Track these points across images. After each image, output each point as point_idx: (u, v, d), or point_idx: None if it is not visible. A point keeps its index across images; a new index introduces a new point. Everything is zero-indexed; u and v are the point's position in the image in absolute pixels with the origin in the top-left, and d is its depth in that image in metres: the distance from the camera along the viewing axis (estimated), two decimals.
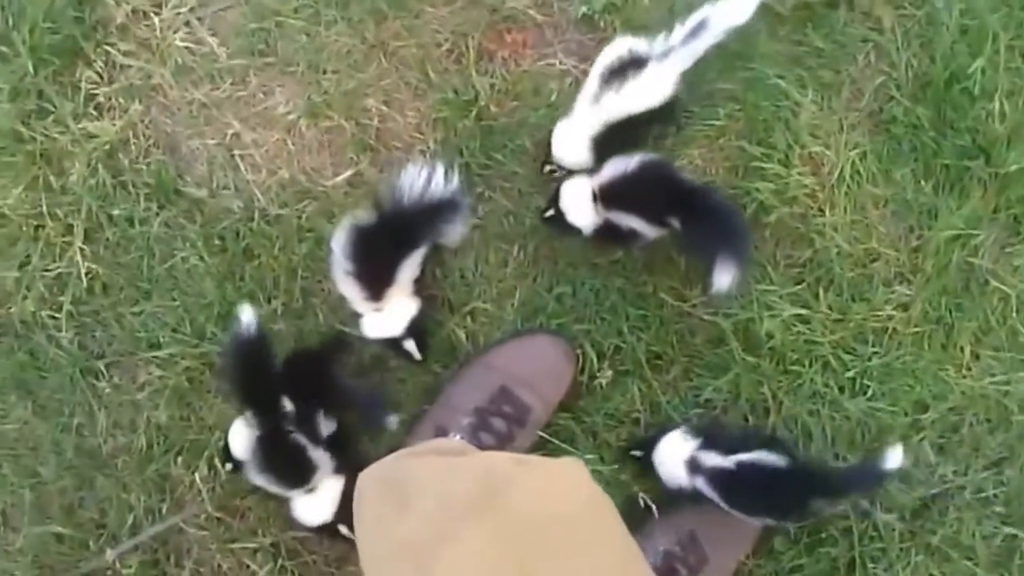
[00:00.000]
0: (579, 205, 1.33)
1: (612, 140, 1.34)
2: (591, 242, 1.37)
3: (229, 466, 1.36)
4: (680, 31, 1.30)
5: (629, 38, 1.32)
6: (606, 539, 0.95)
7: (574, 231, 1.35)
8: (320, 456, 1.31)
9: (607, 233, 1.34)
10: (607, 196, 1.32)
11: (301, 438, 1.29)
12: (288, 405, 1.30)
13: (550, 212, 1.35)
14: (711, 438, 1.30)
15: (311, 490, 1.32)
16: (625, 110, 1.31)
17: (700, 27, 1.29)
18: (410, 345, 1.36)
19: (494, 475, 0.99)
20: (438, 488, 1.02)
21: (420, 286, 1.36)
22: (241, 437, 1.32)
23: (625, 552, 0.97)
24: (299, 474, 1.31)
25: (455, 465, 1.11)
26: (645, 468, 1.34)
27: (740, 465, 1.26)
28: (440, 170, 1.31)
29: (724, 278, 1.26)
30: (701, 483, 1.28)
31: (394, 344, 1.36)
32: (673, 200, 1.30)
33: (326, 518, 1.32)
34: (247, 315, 1.28)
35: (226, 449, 1.35)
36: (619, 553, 0.95)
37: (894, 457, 1.26)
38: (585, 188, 1.33)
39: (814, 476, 1.31)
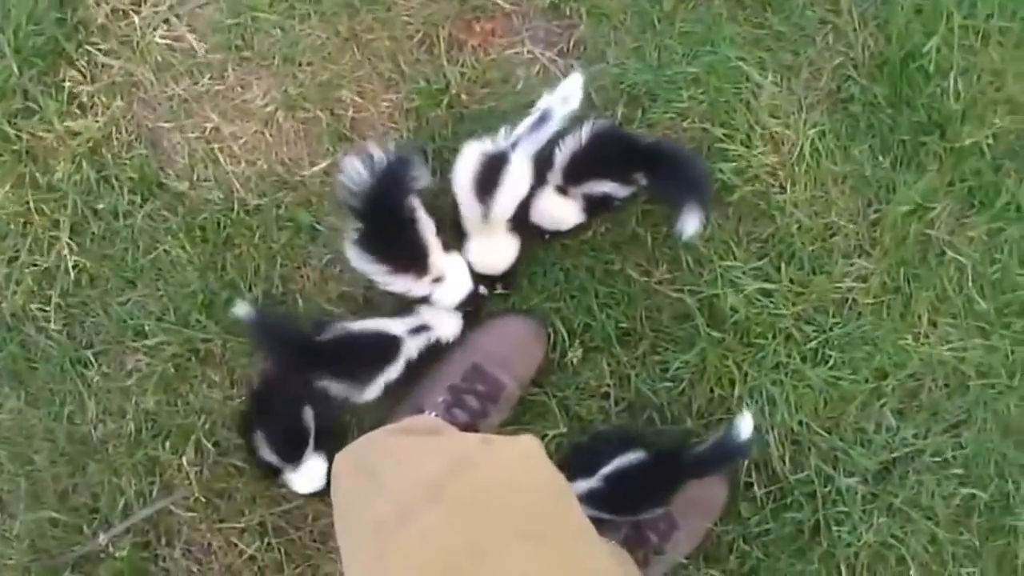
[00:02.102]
0: (560, 211, 1.40)
1: (523, 219, 1.39)
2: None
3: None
4: (525, 123, 1.36)
5: (476, 143, 1.35)
6: (557, 518, 0.99)
7: (579, 228, 1.42)
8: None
9: (588, 207, 1.40)
10: (573, 174, 1.37)
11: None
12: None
13: (547, 236, 1.43)
14: (577, 467, 1.34)
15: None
16: (513, 203, 1.35)
17: (543, 118, 1.35)
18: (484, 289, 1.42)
19: (458, 457, 1.04)
20: (406, 469, 1.08)
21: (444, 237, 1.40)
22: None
23: (576, 531, 1.01)
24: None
25: (424, 445, 1.16)
26: None
27: (607, 478, 1.33)
28: (374, 149, 1.33)
29: (691, 224, 1.35)
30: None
31: (473, 297, 1.41)
32: (635, 156, 1.38)
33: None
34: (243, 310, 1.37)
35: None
36: (570, 532, 1.00)
37: (745, 426, 1.32)
38: (552, 197, 1.39)
39: (676, 460, 1.36)
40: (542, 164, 1.38)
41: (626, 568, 1.30)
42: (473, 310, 1.43)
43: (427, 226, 1.36)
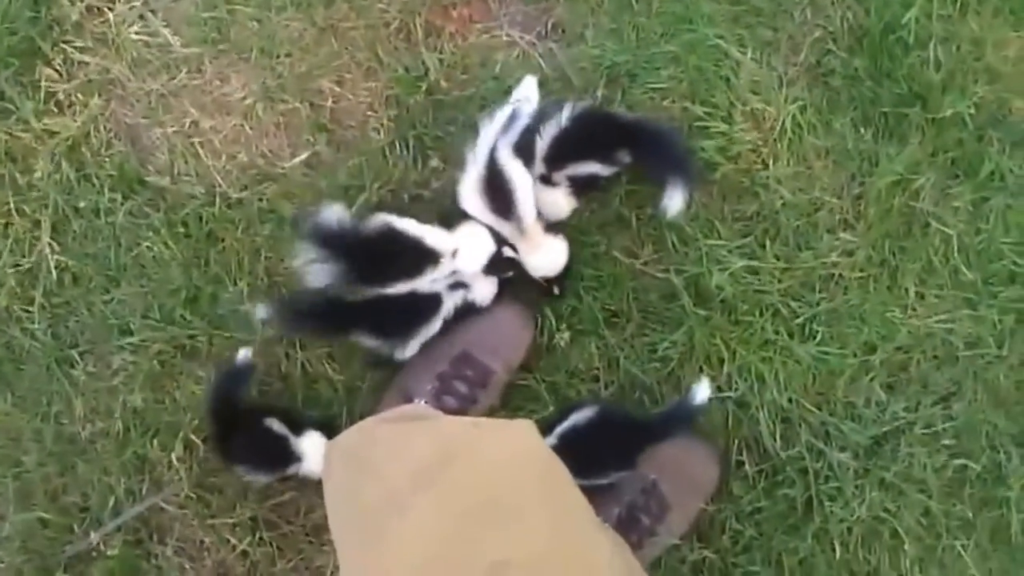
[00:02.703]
0: (552, 201, 1.40)
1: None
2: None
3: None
4: (495, 125, 1.34)
5: (468, 176, 1.34)
6: (552, 502, 0.98)
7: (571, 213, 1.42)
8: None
9: (575, 189, 1.40)
10: (555, 158, 1.37)
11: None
12: None
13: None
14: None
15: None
16: (531, 201, 1.35)
17: (513, 117, 1.35)
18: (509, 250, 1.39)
19: (447, 441, 1.04)
20: (395, 456, 1.07)
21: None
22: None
23: (573, 513, 1.00)
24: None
25: (413, 431, 1.16)
26: None
27: (562, 437, 1.33)
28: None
29: (675, 202, 1.35)
30: None
31: (500, 260, 1.39)
32: (617, 134, 1.38)
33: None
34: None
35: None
36: (565, 515, 0.99)
37: (702, 392, 1.33)
38: (540, 189, 1.38)
39: (631, 419, 1.38)
40: (524, 156, 1.36)
41: (620, 551, 1.29)
42: (509, 278, 1.41)
43: (407, 225, 1.35)
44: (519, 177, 1.33)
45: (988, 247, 1.44)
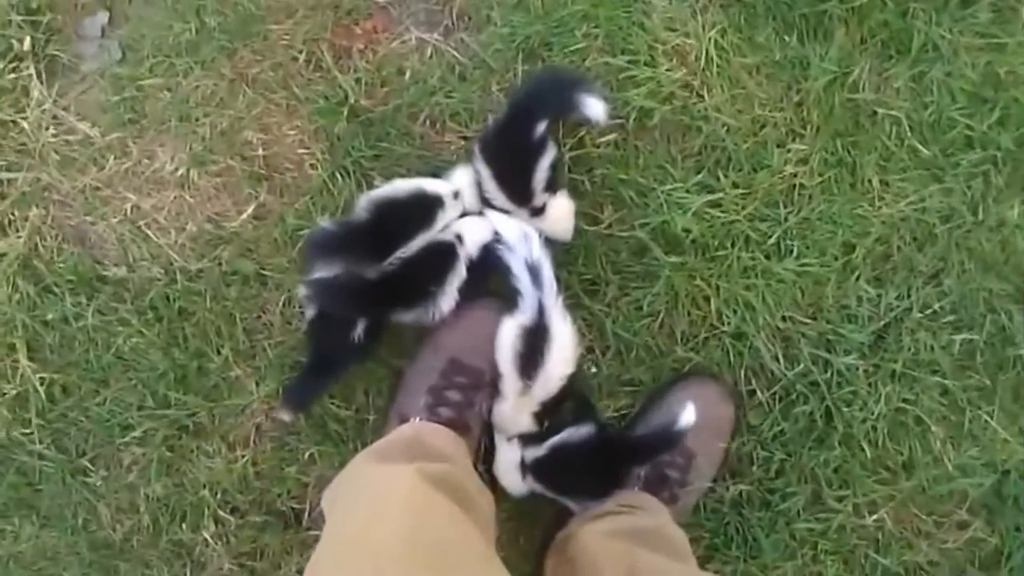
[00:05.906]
0: (565, 213, 1.40)
1: None
2: None
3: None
4: (525, 289, 1.33)
5: (511, 319, 1.33)
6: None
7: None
8: None
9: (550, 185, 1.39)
10: (516, 190, 1.37)
11: None
12: None
13: None
14: (538, 437, 1.35)
15: None
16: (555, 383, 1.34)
17: (533, 271, 1.32)
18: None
19: (385, 494, 1.09)
20: (350, 510, 1.13)
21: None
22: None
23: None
24: None
25: (369, 478, 1.19)
26: (493, 480, 1.39)
27: (553, 448, 1.32)
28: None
29: (595, 107, 1.34)
30: (531, 481, 1.35)
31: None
32: (524, 120, 1.35)
33: None
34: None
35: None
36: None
37: (687, 416, 1.30)
38: (548, 215, 1.38)
39: (620, 442, 1.38)
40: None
41: None
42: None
43: (397, 187, 1.37)
44: (562, 345, 1.32)
45: (939, 119, 1.43)
